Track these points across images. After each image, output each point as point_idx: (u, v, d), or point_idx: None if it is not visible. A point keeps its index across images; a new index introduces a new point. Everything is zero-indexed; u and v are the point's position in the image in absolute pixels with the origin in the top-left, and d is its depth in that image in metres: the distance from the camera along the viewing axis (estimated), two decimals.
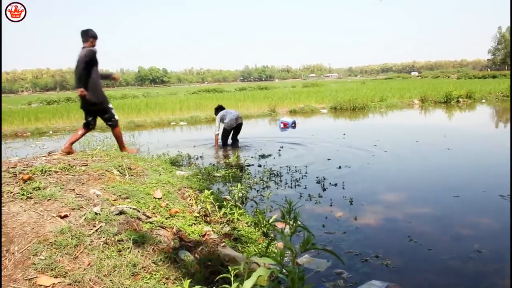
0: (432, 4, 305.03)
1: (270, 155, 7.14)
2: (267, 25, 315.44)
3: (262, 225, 3.44)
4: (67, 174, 3.41)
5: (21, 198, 2.80)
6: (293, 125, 11.24)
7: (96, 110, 5.36)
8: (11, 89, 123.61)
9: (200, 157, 7.14)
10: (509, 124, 10.73)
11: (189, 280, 2.07)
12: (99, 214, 2.79)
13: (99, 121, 5.46)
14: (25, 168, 3.39)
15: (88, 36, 5.36)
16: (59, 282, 2.13)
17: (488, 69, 79.07)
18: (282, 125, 11.26)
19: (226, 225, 3.37)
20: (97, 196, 3.09)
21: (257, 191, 4.85)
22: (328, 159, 6.54)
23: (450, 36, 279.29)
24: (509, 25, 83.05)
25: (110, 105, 5.45)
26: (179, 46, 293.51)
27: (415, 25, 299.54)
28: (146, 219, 2.98)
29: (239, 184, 4.23)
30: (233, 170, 5.68)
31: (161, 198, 3.47)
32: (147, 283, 2.26)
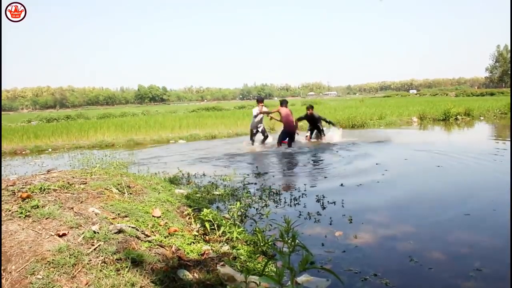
0: (430, 23, 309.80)
1: (266, 172, 7.14)
2: (267, 44, 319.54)
3: (261, 244, 3.42)
4: (66, 192, 3.41)
5: (20, 217, 2.79)
6: None
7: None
8: (11, 106, 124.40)
9: (202, 175, 7.11)
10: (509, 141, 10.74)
11: None
12: (98, 232, 2.77)
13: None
14: (24, 186, 3.38)
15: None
16: None
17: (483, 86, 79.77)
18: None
19: (225, 244, 3.35)
20: (96, 214, 3.08)
21: (256, 209, 4.83)
22: (325, 177, 6.55)
23: (448, 54, 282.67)
24: (507, 43, 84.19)
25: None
26: (179, 64, 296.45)
27: (414, 43, 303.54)
28: (144, 237, 2.96)
29: (238, 203, 4.22)
30: (232, 189, 5.66)
31: (160, 217, 3.46)
32: None
